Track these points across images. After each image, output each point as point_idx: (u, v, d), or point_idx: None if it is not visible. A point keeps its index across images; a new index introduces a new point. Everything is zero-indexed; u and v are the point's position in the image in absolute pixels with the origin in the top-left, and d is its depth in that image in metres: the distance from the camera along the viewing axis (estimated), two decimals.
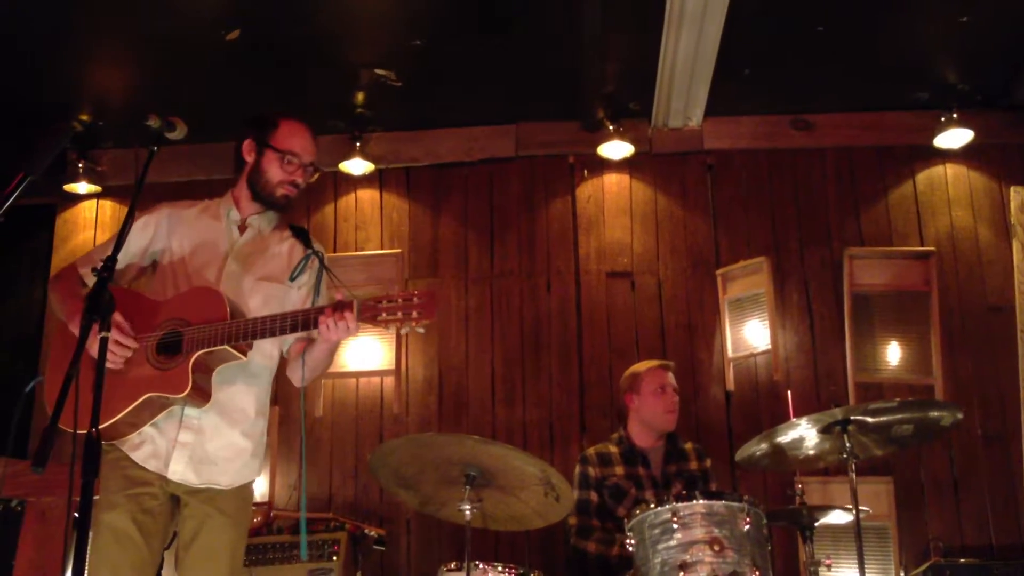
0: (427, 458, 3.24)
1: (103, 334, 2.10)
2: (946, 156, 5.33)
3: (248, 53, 4.68)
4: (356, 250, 5.46)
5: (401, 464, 3.30)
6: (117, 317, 2.57)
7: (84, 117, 5.21)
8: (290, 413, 5.20)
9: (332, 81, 5.06)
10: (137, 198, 2.41)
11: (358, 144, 5.39)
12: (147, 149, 2.53)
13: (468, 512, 3.19)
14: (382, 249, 5.43)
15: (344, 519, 4.53)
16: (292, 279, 2.91)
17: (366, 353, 5.25)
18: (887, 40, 4.75)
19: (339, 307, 2.54)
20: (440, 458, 3.22)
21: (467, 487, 3.20)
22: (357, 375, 5.25)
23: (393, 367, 5.19)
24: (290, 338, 2.87)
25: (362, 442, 5.15)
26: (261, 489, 5.03)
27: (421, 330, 2.52)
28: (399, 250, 5.38)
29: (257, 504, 4.90)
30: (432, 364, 5.26)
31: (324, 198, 5.57)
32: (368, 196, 5.57)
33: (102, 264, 2.22)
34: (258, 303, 2.81)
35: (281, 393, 5.22)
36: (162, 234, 2.91)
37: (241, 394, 2.80)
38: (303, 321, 2.59)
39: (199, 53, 4.70)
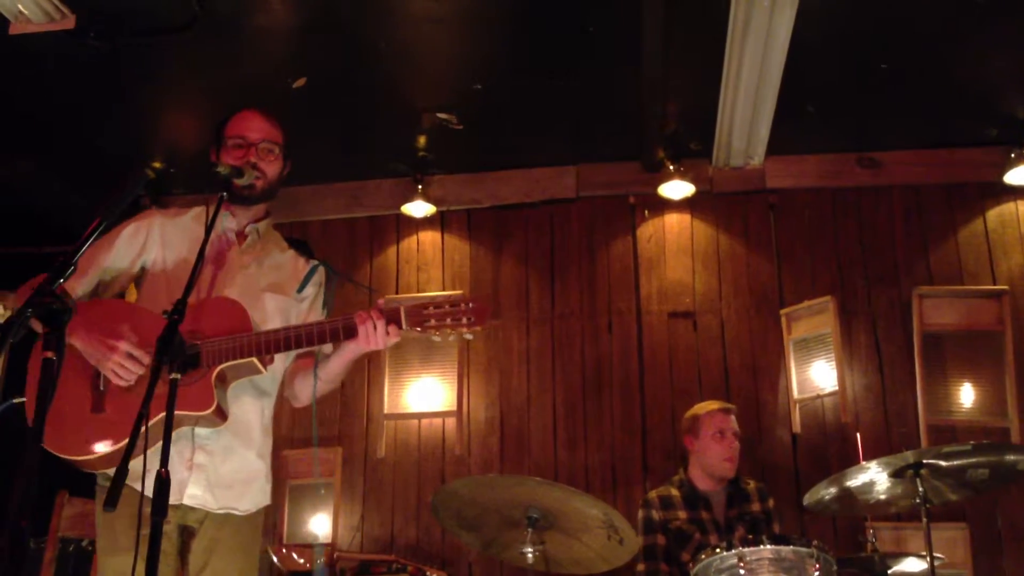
0: (489, 499, 3.23)
1: (174, 376, 2.04)
2: (1017, 193, 5.20)
3: (313, 99, 4.78)
4: (418, 292, 5.50)
5: (463, 505, 3.30)
6: (124, 330, 2.46)
7: (157, 164, 5.36)
8: (353, 453, 5.24)
9: (395, 125, 5.14)
10: (206, 242, 2.44)
11: (420, 187, 5.46)
12: (216, 195, 2.58)
13: (530, 555, 3.17)
14: (444, 291, 5.46)
15: (406, 561, 4.52)
16: (300, 291, 2.78)
17: (428, 394, 5.27)
18: (954, 75, 4.67)
19: (383, 313, 2.39)
20: (502, 500, 3.20)
21: (529, 529, 3.18)
22: (419, 416, 5.27)
23: (455, 408, 5.20)
24: (292, 354, 2.72)
25: (424, 483, 5.15)
26: (324, 530, 5.06)
27: (470, 336, 2.39)
28: (461, 291, 5.40)
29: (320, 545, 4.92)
30: (494, 405, 5.25)
31: (386, 240, 5.64)
32: (430, 238, 5.62)
33: (172, 307, 2.14)
34: (265, 315, 2.64)
35: (344, 433, 5.29)
36: (154, 242, 2.75)
37: (251, 412, 2.66)
38: (345, 327, 2.44)
39: (266, 100, 4.78)
